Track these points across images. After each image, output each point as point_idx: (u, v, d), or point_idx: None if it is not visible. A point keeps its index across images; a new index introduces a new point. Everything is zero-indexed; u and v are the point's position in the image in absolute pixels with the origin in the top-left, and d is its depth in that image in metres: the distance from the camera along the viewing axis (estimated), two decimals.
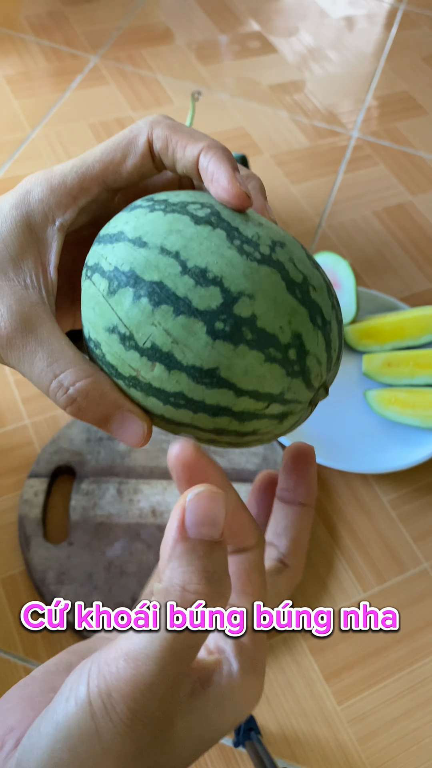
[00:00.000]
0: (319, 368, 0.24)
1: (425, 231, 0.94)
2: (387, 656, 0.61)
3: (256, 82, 1.13)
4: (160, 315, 0.22)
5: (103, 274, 0.24)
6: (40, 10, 1.20)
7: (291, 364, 0.23)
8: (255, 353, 0.22)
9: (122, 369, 0.24)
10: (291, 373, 0.23)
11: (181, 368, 0.23)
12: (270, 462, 0.68)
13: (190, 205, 0.25)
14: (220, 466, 0.26)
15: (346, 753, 0.56)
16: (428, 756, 0.56)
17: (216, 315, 0.22)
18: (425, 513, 0.69)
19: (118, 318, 0.23)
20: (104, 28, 1.18)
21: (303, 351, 0.23)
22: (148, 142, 0.27)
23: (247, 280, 0.23)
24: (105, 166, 0.27)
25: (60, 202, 0.27)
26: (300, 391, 0.24)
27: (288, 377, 0.23)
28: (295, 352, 0.23)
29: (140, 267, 0.23)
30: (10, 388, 0.73)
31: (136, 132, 0.28)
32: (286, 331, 0.23)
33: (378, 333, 0.76)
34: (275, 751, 0.56)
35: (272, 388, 0.23)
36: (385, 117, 1.10)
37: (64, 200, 0.27)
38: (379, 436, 0.71)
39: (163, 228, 0.24)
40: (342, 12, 1.29)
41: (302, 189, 0.98)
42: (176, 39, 1.18)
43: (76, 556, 0.61)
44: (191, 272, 0.22)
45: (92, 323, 0.25)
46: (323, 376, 0.24)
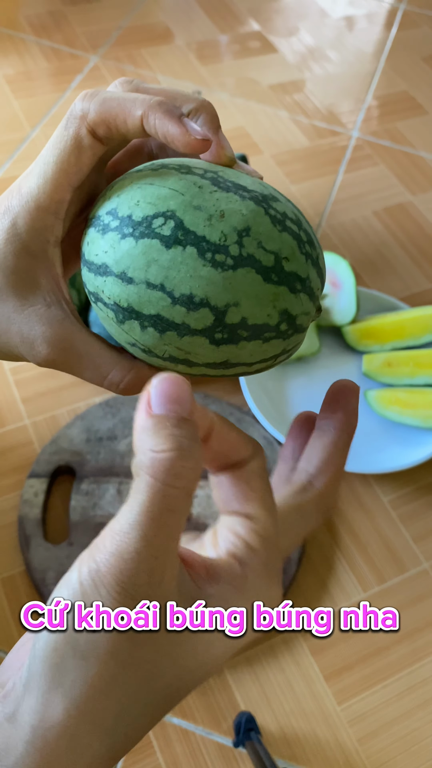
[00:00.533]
0: (307, 318, 0.28)
1: (425, 231, 0.94)
2: (387, 656, 0.61)
3: (256, 81, 1.13)
4: (168, 338, 0.27)
5: (107, 305, 0.28)
6: (40, 9, 1.20)
7: (285, 333, 0.28)
8: (254, 342, 0.27)
9: (151, 362, 0.29)
10: (286, 337, 0.28)
11: (200, 365, 0.28)
12: (270, 462, 0.68)
13: (154, 222, 0.26)
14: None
15: (346, 753, 0.56)
16: (428, 756, 0.56)
17: (213, 329, 0.26)
18: (425, 513, 0.69)
19: (134, 339, 0.28)
20: (104, 28, 1.18)
21: (292, 319, 0.27)
22: (90, 133, 0.27)
23: (228, 292, 0.26)
24: (66, 174, 0.28)
25: (45, 225, 0.28)
26: (298, 339, 0.29)
27: (284, 341, 0.28)
28: (286, 324, 0.27)
29: (136, 303, 0.27)
30: (10, 389, 0.73)
31: (74, 128, 0.27)
32: (273, 315, 0.27)
33: (378, 333, 0.76)
34: (275, 752, 0.56)
35: (274, 351, 0.29)
36: (385, 117, 1.10)
37: (48, 221, 0.28)
38: (379, 436, 0.71)
39: (141, 261, 0.26)
40: (342, 12, 1.29)
41: (302, 189, 0.98)
42: (176, 39, 1.18)
43: (76, 556, 0.60)
44: (180, 301, 0.26)
45: (116, 335, 0.29)
46: (312, 314, 0.29)
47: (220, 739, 0.56)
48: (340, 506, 0.69)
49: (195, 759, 0.55)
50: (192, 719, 0.56)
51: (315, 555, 0.65)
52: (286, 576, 0.62)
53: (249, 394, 0.71)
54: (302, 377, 0.76)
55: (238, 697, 0.58)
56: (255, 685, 0.58)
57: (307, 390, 0.75)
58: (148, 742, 0.55)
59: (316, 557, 0.65)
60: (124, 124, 0.26)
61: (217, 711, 0.57)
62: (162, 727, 0.56)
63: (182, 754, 0.55)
